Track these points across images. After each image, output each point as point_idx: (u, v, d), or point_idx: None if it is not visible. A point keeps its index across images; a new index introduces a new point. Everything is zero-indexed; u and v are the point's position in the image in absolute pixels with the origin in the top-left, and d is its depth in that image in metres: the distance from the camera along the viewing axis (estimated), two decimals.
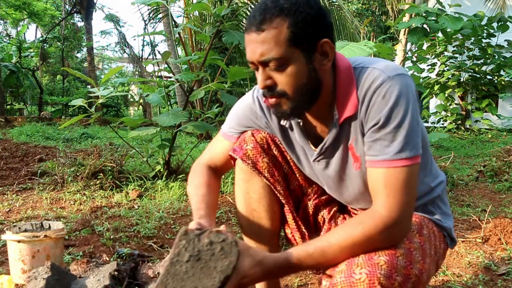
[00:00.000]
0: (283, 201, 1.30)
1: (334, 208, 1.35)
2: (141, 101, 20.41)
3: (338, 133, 1.14)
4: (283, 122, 1.21)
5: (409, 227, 1.08)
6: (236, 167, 1.31)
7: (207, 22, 5.83)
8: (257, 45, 1.02)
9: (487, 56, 8.59)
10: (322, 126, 1.18)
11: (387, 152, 1.02)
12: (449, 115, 9.45)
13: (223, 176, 3.44)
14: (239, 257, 0.92)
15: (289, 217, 1.33)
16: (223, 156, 1.34)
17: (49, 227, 1.85)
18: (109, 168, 3.59)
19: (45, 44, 18.61)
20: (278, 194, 1.28)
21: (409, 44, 8.74)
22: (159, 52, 15.48)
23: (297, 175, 1.33)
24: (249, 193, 1.29)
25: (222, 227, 0.99)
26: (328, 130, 1.15)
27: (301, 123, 1.19)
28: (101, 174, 3.50)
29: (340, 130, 1.13)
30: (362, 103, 1.07)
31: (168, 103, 3.59)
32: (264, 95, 1.10)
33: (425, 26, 5.97)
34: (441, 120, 9.62)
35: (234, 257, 0.91)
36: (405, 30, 7.50)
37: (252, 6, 6.88)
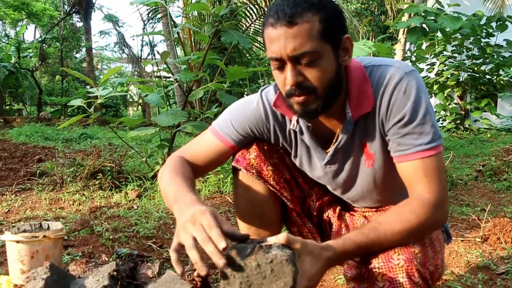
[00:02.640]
0: (291, 206, 1.29)
1: (338, 207, 1.36)
2: (140, 101, 20.38)
3: (352, 132, 1.14)
4: (292, 126, 1.19)
5: (448, 209, 1.12)
6: (236, 176, 1.28)
7: (206, 22, 5.83)
8: (289, 39, 0.99)
9: (486, 55, 8.58)
10: (333, 126, 1.17)
11: (419, 143, 1.05)
12: (448, 114, 9.44)
13: (222, 176, 3.47)
14: (296, 274, 0.84)
15: (293, 215, 1.33)
16: (208, 153, 1.25)
17: (48, 227, 1.84)
18: (108, 168, 3.58)
19: (44, 45, 18.58)
20: (286, 200, 1.27)
21: (408, 44, 8.77)
22: (158, 52, 15.46)
23: (298, 179, 1.32)
24: (250, 200, 1.27)
25: (270, 239, 0.90)
26: (341, 129, 1.15)
27: (310, 127, 1.18)
28: (100, 174, 3.50)
29: (354, 128, 1.14)
30: (381, 100, 1.08)
31: (167, 103, 3.58)
32: (290, 94, 1.05)
33: (424, 25, 5.99)
34: (440, 119, 9.61)
35: (289, 278, 0.83)
36: (404, 29, 7.52)
37: (251, 6, 6.87)
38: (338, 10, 1.05)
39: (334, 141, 1.18)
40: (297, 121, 1.19)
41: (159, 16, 7.46)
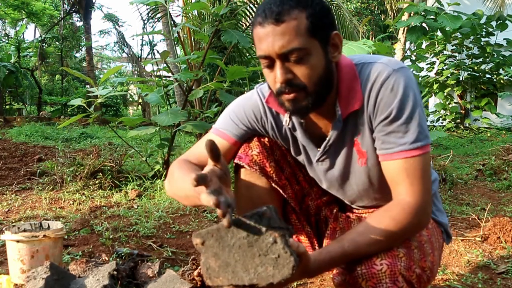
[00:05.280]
0: (292, 204, 1.29)
1: (335, 208, 1.35)
2: (140, 100, 20.38)
3: (342, 129, 1.13)
4: (286, 123, 1.19)
5: (431, 212, 1.10)
6: (238, 174, 1.27)
7: (206, 21, 5.82)
8: (277, 37, 0.99)
9: (486, 54, 8.59)
10: (324, 124, 1.17)
11: (403, 143, 1.04)
12: (448, 114, 9.45)
13: None
14: (284, 280, 0.84)
15: (293, 217, 1.32)
16: None
17: (48, 227, 1.84)
18: (108, 167, 3.58)
19: (44, 44, 18.56)
20: (287, 197, 1.27)
21: (408, 43, 8.76)
22: (158, 51, 15.49)
23: (299, 177, 1.32)
24: (252, 199, 1.26)
25: (295, 244, 0.88)
26: (332, 127, 1.14)
27: (303, 124, 1.18)
28: (100, 173, 3.50)
29: (344, 126, 1.13)
30: (369, 98, 1.07)
31: (167, 102, 3.58)
32: (280, 91, 1.05)
33: (424, 25, 5.97)
34: (440, 119, 9.62)
35: (279, 276, 0.83)
36: (404, 29, 7.51)
37: (251, 6, 6.87)
38: (325, 6, 1.05)
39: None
40: (290, 118, 1.19)
41: (159, 15, 7.45)
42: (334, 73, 1.09)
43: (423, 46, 8.85)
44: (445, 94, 9.34)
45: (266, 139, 1.25)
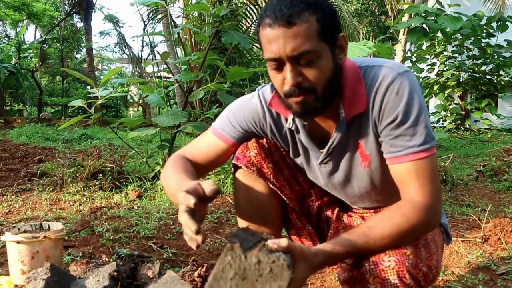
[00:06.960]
0: (291, 205, 1.29)
1: (337, 208, 1.35)
2: (141, 101, 20.40)
3: (346, 132, 1.14)
4: (289, 125, 1.20)
5: (441, 211, 1.11)
6: (236, 175, 1.28)
7: (206, 22, 5.83)
8: (288, 39, 0.98)
9: (486, 56, 8.59)
10: (328, 126, 1.17)
11: (411, 145, 1.04)
12: (449, 115, 9.45)
13: (222, 177, 3.47)
14: (291, 280, 0.84)
15: (293, 216, 1.32)
16: (209, 152, 1.26)
17: (49, 228, 1.84)
18: (109, 168, 3.58)
19: (44, 45, 18.58)
20: (286, 198, 1.27)
21: (408, 44, 8.77)
22: (158, 52, 15.47)
23: (298, 178, 1.32)
24: (250, 198, 1.26)
25: (271, 242, 0.89)
26: (335, 129, 1.14)
27: (307, 126, 1.18)
28: (100, 174, 3.50)
29: (348, 129, 1.13)
30: (374, 101, 1.08)
31: (168, 103, 3.58)
32: (289, 94, 1.04)
33: (424, 26, 5.98)
34: (441, 120, 9.62)
35: (285, 282, 0.83)
36: (404, 30, 7.53)
37: (251, 7, 6.88)
38: (333, 9, 1.05)
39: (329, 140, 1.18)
40: (293, 120, 1.19)
41: (159, 16, 7.46)
42: (340, 75, 1.09)
43: (424, 47, 8.86)
44: (446, 95, 9.35)
45: (264, 140, 1.26)
